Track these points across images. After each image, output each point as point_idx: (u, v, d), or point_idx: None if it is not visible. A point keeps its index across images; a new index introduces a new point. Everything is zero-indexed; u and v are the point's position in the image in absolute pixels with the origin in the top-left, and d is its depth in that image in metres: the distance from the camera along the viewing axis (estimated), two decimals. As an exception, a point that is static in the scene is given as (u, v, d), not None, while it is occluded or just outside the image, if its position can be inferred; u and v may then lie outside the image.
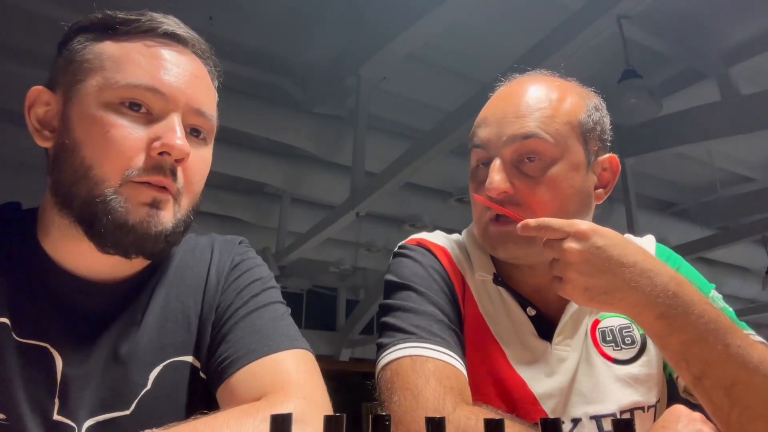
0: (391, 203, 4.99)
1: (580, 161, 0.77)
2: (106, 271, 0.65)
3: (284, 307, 0.72)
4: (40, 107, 0.64)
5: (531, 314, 0.79)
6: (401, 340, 0.71)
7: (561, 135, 0.75)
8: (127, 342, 0.65)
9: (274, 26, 3.67)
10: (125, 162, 0.59)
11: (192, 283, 0.71)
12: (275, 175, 4.77)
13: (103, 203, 0.59)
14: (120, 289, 0.67)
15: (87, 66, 0.62)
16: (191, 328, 0.69)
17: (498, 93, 0.84)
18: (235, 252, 0.75)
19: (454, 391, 0.65)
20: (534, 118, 0.75)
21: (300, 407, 0.57)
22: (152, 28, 0.64)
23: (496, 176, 0.74)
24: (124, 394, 0.63)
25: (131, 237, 0.60)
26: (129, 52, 0.63)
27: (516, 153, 0.76)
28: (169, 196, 0.63)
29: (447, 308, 0.76)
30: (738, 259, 6.66)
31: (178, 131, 0.61)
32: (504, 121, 0.77)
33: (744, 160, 5.24)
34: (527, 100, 0.77)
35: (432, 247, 0.83)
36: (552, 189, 0.74)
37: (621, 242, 0.63)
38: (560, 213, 0.73)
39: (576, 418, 0.75)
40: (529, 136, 0.74)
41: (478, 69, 3.78)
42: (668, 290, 0.61)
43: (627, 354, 0.79)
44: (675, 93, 4.11)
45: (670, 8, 3.35)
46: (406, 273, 0.79)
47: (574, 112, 0.78)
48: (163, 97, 0.62)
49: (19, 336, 0.60)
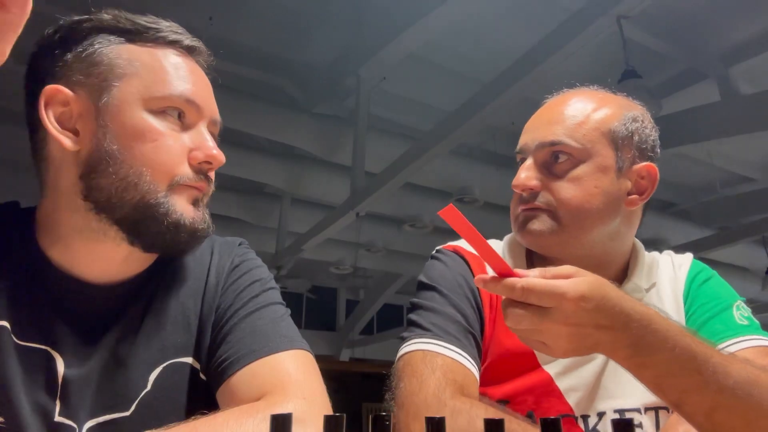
0: (391, 203, 5.00)
1: (609, 165, 0.81)
2: (105, 272, 0.65)
3: (284, 308, 0.73)
4: (58, 107, 0.63)
5: None
6: (418, 335, 0.77)
7: (588, 140, 0.81)
8: (128, 343, 0.65)
9: (274, 26, 3.67)
10: (174, 169, 0.63)
11: (192, 285, 0.71)
12: (275, 175, 4.77)
13: (159, 206, 0.62)
14: (120, 291, 0.67)
15: (119, 71, 0.63)
16: (191, 329, 0.69)
17: (545, 104, 0.91)
18: (234, 253, 0.76)
19: (456, 384, 0.70)
20: (564, 126, 0.82)
21: (300, 407, 0.58)
22: (176, 41, 0.68)
23: (523, 174, 0.82)
24: (124, 395, 0.63)
25: (185, 235, 0.63)
26: (161, 61, 0.65)
27: (545, 155, 0.83)
28: (202, 195, 0.67)
29: (467, 312, 0.81)
30: (738, 259, 6.67)
31: (211, 142, 0.67)
32: (538, 128, 0.85)
33: (744, 160, 5.24)
34: (562, 110, 0.85)
35: (466, 255, 0.87)
36: (576, 186, 0.80)
37: (603, 301, 0.60)
38: (582, 209, 0.80)
39: (601, 412, 0.78)
40: (556, 143, 0.81)
41: (478, 69, 3.78)
42: (628, 330, 0.60)
43: None
44: (675, 93, 4.12)
45: (670, 8, 3.36)
46: (435, 275, 0.85)
47: (606, 120, 0.83)
48: (197, 109, 0.66)
49: (19, 339, 0.60)
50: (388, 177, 3.78)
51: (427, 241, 6.14)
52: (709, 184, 5.54)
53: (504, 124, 4.51)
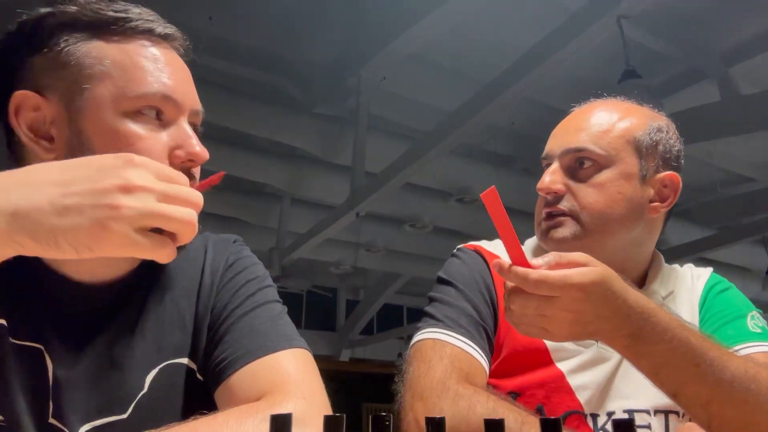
0: (391, 203, 4.99)
1: (633, 172, 0.83)
2: (97, 272, 0.64)
3: (281, 305, 0.72)
4: (29, 113, 0.60)
5: None
6: (431, 325, 0.81)
7: (612, 147, 0.83)
8: (122, 345, 0.64)
9: (274, 26, 3.67)
10: None
11: (186, 284, 0.70)
12: (276, 175, 4.77)
13: None
14: (112, 292, 0.66)
15: (88, 72, 0.60)
16: (186, 329, 0.68)
17: (571, 113, 0.94)
18: (229, 251, 0.75)
19: (463, 372, 0.73)
20: (589, 133, 0.85)
21: (300, 407, 0.57)
22: (148, 29, 0.63)
23: (548, 177, 0.85)
24: (120, 397, 0.63)
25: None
26: (132, 57, 0.61)
27: (570, 161, 0.85)
28: None
29: (481, 307, 0.84)
30: (738, 259, 6.66)
31: (194, 137, 0.63)
32: (564, 135, 0.88)
33: (744, 160, 5.23)
34: (588, 118, 0.87)
35: (485, 253, 0.90)
36: (599, 191, 0.82)
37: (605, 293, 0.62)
38: (605, 214, 0.82)
39: (611, 412, 0.79)
40: (581, 150, 0.84)
41: (478, 69, 3.78)
42: (628, 320, 0.62)
43: None
44: (675, 93, 4.11)
45: (670, 8, 3.35)
46: (453, 272, 0.88)
47: (631, 129, 0.85)
48: (175, 104, 0.62)
49: (14, 338, 0.60)
50: (388, 177, 3.78)
51: (427, 241, 6.14)
52: (709, 184, 5.53)
53: (504, 124, 4.52)
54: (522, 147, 4.80)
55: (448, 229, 5.75)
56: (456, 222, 5.53)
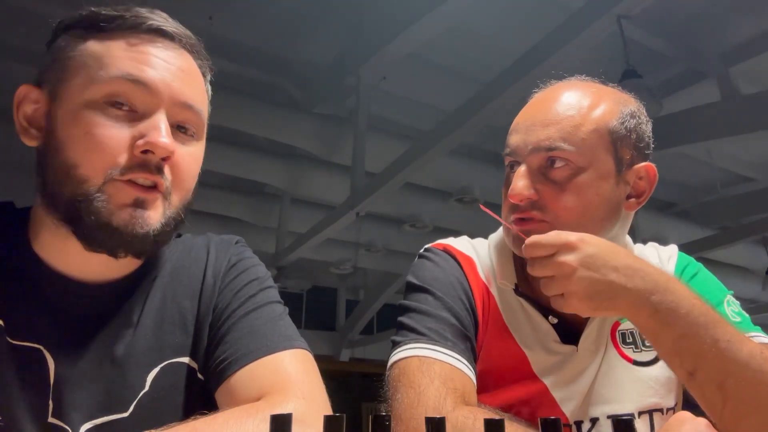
0: (391, 203, 5.00)
1: (609, 170, 0.75)
2: (97, 271, 0.65)
3: (282, 306, 0.72)
4: (29, 105, 0.63)
5: (553, 322, 0.80)
6: (413, 340, 0.72)
7: (587, 144, 0.74)
8: (123, 344, 0.64)
9: (274, 26, 3.67)
10: (108, 161, 0.58)
11: (188, 284, 0.71)
12: (275, 175, 4.77)
13: (87, 203, 0.58)
14: (113, 291, 0.66)
15: (71, 64, 0.61)
16: (188, 329, 0.68)
17: (533, 99, 0.84)
18: (231, 252, 0.75)
19: (457, 393, 0.67)
20: (559, 128, 0.75)
21: (300, 407, 0.57)
22: (137, 25, 0.63)
23: (519, 182, 0.75)
24: (121, 396, 0.63)
25: (116, 238, 0.59)
26: (111, 49, 0.61)
27: (540, 160, 0.76)
28: (157, 194, 0.61)
29: (462, 315, 0.77)
30: (738, 259, 6.66)
31: (162, 129, 0.60)
32: (531, 129, 0.77)
33: (744, 160, 5.24)
34: (556, 108, 0.77)
35: (457, 255, 0.84)
36: (577, 196, 0.74)
37: (609, 246, 0.66)
38: (585, 220, 0.74)
39: (594, 418, 0.77)
40: (552, 148, 0.74)
41: (478, 69, 3.78)
42: (659, 287, 0.63)
43: (647, 356, 0.80)
44: (675, 93, 4.12)
45: (670, 8, 3.35)
46: (427, 276, 0.80)
47: (605, 119, 0.76)
48: (146, 90, 0.61)
49: (12, 338, 0.60)
50: (388, 177, 3.78)
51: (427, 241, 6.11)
52: (709, 184, 5.54)
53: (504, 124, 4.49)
54: (522, 147, 4.79)
55: (448, 229, 5.75)
56: (456, 222, 5.53)
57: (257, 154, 4.61)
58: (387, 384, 0.71)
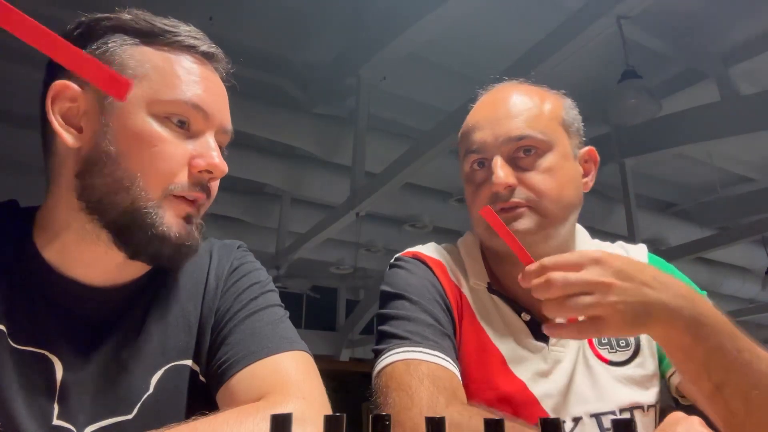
0: (391, 203, 5.00)
1: (568, 152, 0.84)
2: (110, 277, 0.65)
3: (282, 310, 0.73)
4: (65, 102, 0.62)
5: (526, 319, 0.83)
6: (396, 345, 0.74)
7: (549, 131, 0.82)
8: (128, 346, 0.65)
9: (274, 26, 3.67)
10: (170, 177, 0.61)
11: (191, 288, 0.71)
12: (275, 175, 4.77)
13: (146, 215, 0.60)
14: (119, 295, 0.66)
15: (129, 72, 0.61)
16: (191, 332, 0.69)
17: (483, 101, 0.90)
18: (233, 256, 0.76)
19: (448, 391, 0.68)
20: (524, 119, 0.82)
21: (300, 407, 0.58)
22: (193, 45, 0.66)
23: (501, 172, 0.79)
24: (126, 398, 0.63)
25: (169, 250, 0.61)
26: (173, 65, 0.64)
27: (512, 150, 0.81)
28: (197, 211, 0.65)
29: (440, 316, 0.79)
30: (738, 259, 6.66)
31: (216, 150, 0.64)
32: (498, 124, 0.82)
33: (744, 160, 5.24)
34: (515, 103, 0.84)
35: (427, 260, 0.87)
36: (550, 176, 0.80)
37: (628, 259, 0.64)
38: (562, 199, 0.80)
39: (577, 417, 0.77)
40: (523, 137, 0.80)
41: (478, 69, 3.77)
42: (687, 299, 0.61)
43: (622, 356, 0.82)
44: (675, 93, 4.11)
45: (670, 8, 3.35)
46: (401, 283, 0.83)
47: (555, 110, 0.85)
48: (204, 116, 0.64)
49: (15, 343, 0.60)
50: (388, 177, 3.78)
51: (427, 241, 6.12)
52: (709, 184, 5.53)
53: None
54: (522, 147, 4.80)
55: (448, 229, 5.75)
56: (456, 222, 5.53)
57: (257, 154, 4.60)
58: (376, 392, 0.72)
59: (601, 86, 3.71)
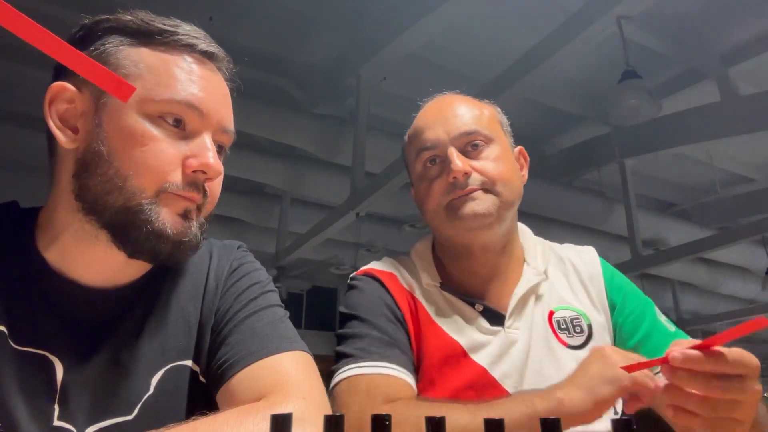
0: (391, 203, 4.99)
1: (507, 148, 0.96)
2: (110, 277, 0.65)
3: (282, 310, 0.73)
4: (62, 104, 0.62)
5: (479, 309, 0.90)
6: (343, 364, 0.81)
7: (492, 128, 0.94)
8: (129, 347, 0.65)
9: (274, 27, 3.67)
10: (163, 176, 0.60)
11: (191, 289, 0.71)
12: (275, 175, 4.77)
13: (141, 213, 0.59)
14: (119, 296, 0.66)
15: (124, 72, 0.61)
16: (191, 332, 0.69)
17: (429, 107, 1.01)
18: (233, 257, 0.76)
19: (384, 395, 0.75)
20: (471, 117, 0.93)
21: (300, 407, 0.58)
22: (191, 45, 0.65)
23: (458, 161, 0.88)
24: (126, 399, 0.63)
25: (168, 246, 0.61)
26: (169, 65, 0.63)
27: (463, 144, 0.91)
28: (195, 206, 0.64)
29: (388, 327, 0.86)
30: (738, 260, 6.66)
31: (211, 150, 0.64)
32: (447, 122, 0.93)
33: (743, 161, 5.24)
34: (461, 106, 0.96)
35: (378, 274, 0.94)
36: (499, 164, 0.90)
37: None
38: (510, 183, 0.90)
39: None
40: (472, 132, 0.91)
41: (478, 69, 3.78)
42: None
43: (578, 340, 0.89)
44: (675, 93, 4.11)
45: (670, 9, 3.35)
46: (353, 303, 0.91)
47: (493, 113, 0.99)
48: (200, 115, 0.63)
49: (16, 344, 0.60)
50: (388, 177, 3.77)
51: (427, 241, 6.12)
52: (709, 184, 5.54)
53: (504, 124, 4.51)
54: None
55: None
56: (456, 222, 5.52)
57: (257, 154, 4.60)
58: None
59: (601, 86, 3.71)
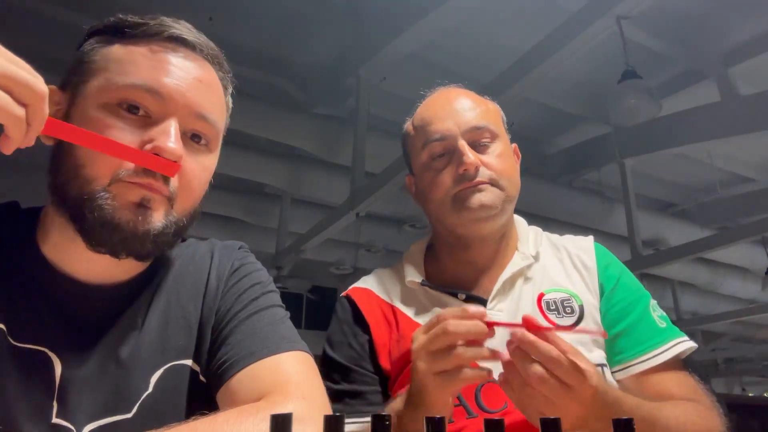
0: (391, 203, 4.99)
1: (508, 144, 0.99)
2: (103, 273, 0.65)
3: (283, 310, 0.73)
4: (51, 107, 0.61)
5: (462, 298, 0.92)
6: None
7: (497, 124, 0.97)
8: (128, 345, 0.65)
9: (274, 27, 3.67)
10: (115, 163, 0.59)
11: (192, 288, 0.71)
12: (275, 175, 4.77)
13: (91, 201, 0.59)
14: (119, 293, 0.66)
15: (93, 67, 0.63)
16: (192, 332, 0.69)
17: (434, 98, 1.03)
18: (234, 257, 0.76)
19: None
20: (481, 112, 0.96)
21: (300, 407, 0.58)
22: (159, 32, 0.64)
23: (470, 154, 0.90)
24: (125, 397, 0.63)
25: (118, 235, 0.60)
26: (133, 54, 0.63)
27: (472, 139, 0.93)
28: (162, 196, 0.62)
29: (351, 352, 0.91)
30: (738, 260, 6.65)
31: (172, 135, 0.61)
32: (458, 115, 0.95)
33: (743, 161, 5.24)
34: (468, 100, 0.98)
35: (353, 294, 0.97)
36: (503, 160, 0.94)
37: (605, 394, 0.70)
38: (514, 179, 0.94)
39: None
40: (483, 127, 0.94)
41: (478, 69, 3.78)
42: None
43: (568, 321, 0.90)
44: (675, 93, 4.12)
45: (670, 9, 3.35)
46: (329, 333, 0.95)
47: (496, 108, 1.02)
48: (161, 99, 0.62)
49: (15, 340, 0.60)
50: (388, 177, 3.77)
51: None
52: (709, 184, 5.54)
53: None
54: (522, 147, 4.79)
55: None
56: (456, 222, 5.52)
57: (257, 154, 4.60)
58: None
59: (601, 86, 3.71)
